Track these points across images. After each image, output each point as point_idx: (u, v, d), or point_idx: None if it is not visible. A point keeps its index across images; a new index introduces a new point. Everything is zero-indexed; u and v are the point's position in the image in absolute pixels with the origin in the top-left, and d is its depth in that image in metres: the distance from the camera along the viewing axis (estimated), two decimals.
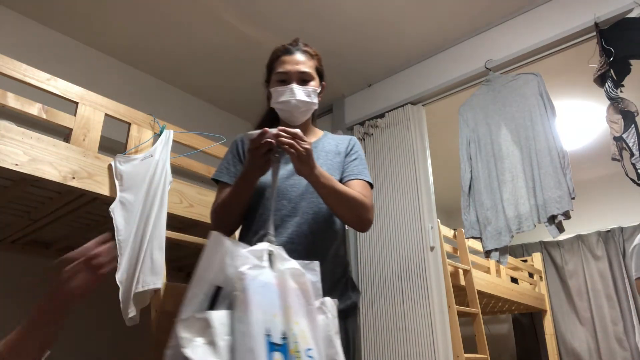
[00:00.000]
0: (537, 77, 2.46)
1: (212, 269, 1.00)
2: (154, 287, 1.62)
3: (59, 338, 0.95)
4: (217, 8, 2.58)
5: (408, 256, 2.64)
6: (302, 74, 1.41)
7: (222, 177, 1.42)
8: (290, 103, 1.39)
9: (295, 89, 1.39)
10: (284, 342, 0.95)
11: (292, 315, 1.00)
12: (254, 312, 0.94)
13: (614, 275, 4.37)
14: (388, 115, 3.04)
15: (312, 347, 0.99)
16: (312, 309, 1.06)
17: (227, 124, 3.48)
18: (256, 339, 0.91)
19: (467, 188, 2.55)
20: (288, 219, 1.31)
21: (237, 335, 0.91)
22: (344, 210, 1.31)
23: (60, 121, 1.70)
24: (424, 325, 2.46)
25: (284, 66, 1.42)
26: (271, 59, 1.48)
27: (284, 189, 1.34)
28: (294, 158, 1.16)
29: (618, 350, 4.18)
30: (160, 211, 1.74)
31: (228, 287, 0.98)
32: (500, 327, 5.08)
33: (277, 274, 1.03)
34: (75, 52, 2.79)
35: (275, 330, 0.95)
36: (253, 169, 1.22)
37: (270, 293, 0.99)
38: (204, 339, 0.91)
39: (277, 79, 1.42)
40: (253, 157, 1.18)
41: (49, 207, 1.90)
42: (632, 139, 2.04)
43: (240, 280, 0.96)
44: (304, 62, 1.43)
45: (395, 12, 2.63)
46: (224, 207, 1.34)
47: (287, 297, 1.01)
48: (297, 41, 1.48)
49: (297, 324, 1.00)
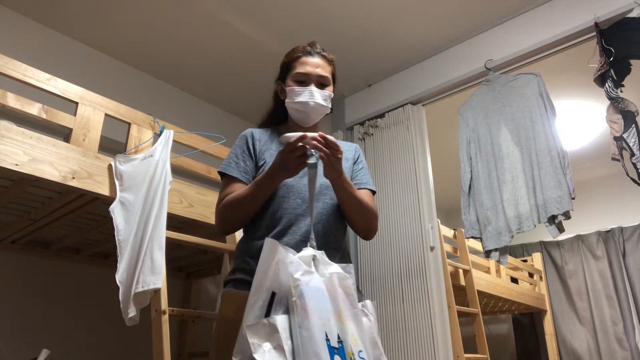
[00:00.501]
0: (537, 77, 2.46)
1: (268, 276, 1.04)
2: (154, 287, 1.62)
3: (60, 339, 0.95)
4: (217, 8, 2.58)
5: (408, 256, 2.64)
6: (322, 77, 1.42)
7: (232, 172, 1.38)
8: (309, 105, 1.40)
9: (315, 91, 1.40)
10: (340, 345, 1.01)
11: (344, 318, 1.05)
12: (313, 317, 0.99)
13: (614, 275, 4.37)
14: (388, 115, 3.04)
15: (362, 349, 1.04)
16: (357, 311, 1.11)
17: (227, 124, 3.48)
18: (319, 343, 0.97)
19: (467, 188, 2.55)
20: (302, 219, 1.31)
21: (302, 340, 0.96)
22: (358, 217, 1.37)
23: (60, 121, 1.70)
24: (424, 325, 2.46)
25: (305, 67, 1.41)
26: (290, 57, 1.46)
27: (299, 188, 1.34)
28: (327, 165, 1.21)
29: (618, 350, 4.18)
30: (160, 211, 1.73)
31: (281, 293, 1.03)
32: (500, 327, 5.08)
33: (325, 279, 1.08)
34: (75, 52, 2.79)
35: (332, 334, 1.00)
36: (283, 171, 1.22)
37: (322, 298, 1.04)
38: (271, 344, 0.96)
39: (296, 79, 1.42)
40: (287, 160, 1.19)
41: (49, 207, 1.90)
42: (633, 139, 2.04)
43: (296, 286, 1.02)
44: (323, 67, 1.43)
45: (395, 12, 2.63)
46: (238, 204, 1.30)
47: (336, 301, 1.06)
48: (316, 44, 1.48)
49: (349, 327, 1.05)
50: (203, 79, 3.22)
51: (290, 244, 1.27)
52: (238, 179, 1.36)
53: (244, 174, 1.38)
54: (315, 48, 1.46)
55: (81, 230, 2.19)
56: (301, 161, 1.19)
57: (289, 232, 1.29)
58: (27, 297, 2.30)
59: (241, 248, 1.35)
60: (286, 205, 1.32)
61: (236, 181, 1.36)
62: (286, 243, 1.27)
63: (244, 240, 1.37)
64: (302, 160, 1.19)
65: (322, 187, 1.37)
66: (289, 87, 1.43)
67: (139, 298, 1.63)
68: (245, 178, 1.37)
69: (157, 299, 1.67)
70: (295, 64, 1.44)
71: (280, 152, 1.20)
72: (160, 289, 1.66)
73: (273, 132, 1.49)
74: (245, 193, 1.29)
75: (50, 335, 2.30)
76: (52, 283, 2.39)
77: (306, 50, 1.45)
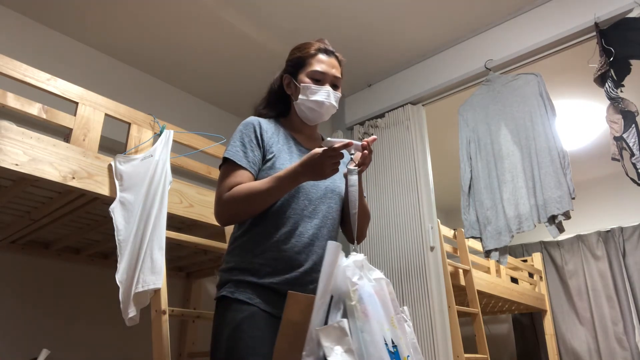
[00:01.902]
0: (537, 78, 2.46)
1: (331, 279, 1.07)
2: (154, 287, 1.62)
3: (60, 338, 0.95)
4: (217, 8, 2.58)
5: (408, 256, 2.64)
6: (336, 79, 1.41)
7: (241, 161, 1.31)
8: (324, 104, 1.38)
9: (331, 92, 1.39)
10: (395, 349, 1.04)
11: (395, 323, 1.09)
12: (373, 321, 1.02)
13: (614, 275, 4.37)
14: (388, 115, 3.04)
15: (410, 354, 1.08)
16: (400, 317, 1.14)
17: (227, 124, 3.48)
18: (381, 347, 1.01)
19: (467, 188, 2.55)
20: (309, 220, 1.31)
21: (365, 344, 0.99)
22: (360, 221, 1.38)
23: (60, 121, 1.70)
24: (424, 325, 2.46)
25: (322, 66, 1.39)
26: (306, 53, 1.42)
27: (307, 189, 1.33)
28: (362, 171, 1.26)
29: (618, 350, 4.18)
30: (160, 211, 1.73)
31: (337, 296, 1.06)
32: (500, 327, 5.08)
33: (373, 284, 1.11)
34: (75, 52, 2.79)
35: (387, 338, 1.04)
36: (313, 174, 1.21)
37: (374, 302, 1.07)
38: (342, 347, 1.00)
39: (313, 76, 1.39)
40: (324, 164, 1.18)
41: (49, 207, 1.90)
42: (633, 139, 2.04)
43: (354, 290, 1.05)
44: (337, 68, 1.43)
45: (395, 12, 2.63)
46: (251, 197, 1.24)
47: (387, 306, 1.10)
48: (325, 41, 1.46)
49: (400, 332, 1.09)
50: (203, 79, 3.22)
51: (298, 246, 1.27)
52: (246, 169, 1.31)
53: (252, 164, 1.32)
54: (329, 46, 1.44)
55: (81, 230, 2.19)
56: (336, 167, 1.20)
57: (295, 233, 1.28)
58: (27, 297, 2.30)
59: (241, 246, 1.30)
60: (295, 206, 1.31)
61: (243, 171, 1.30)
62: (294, 245, 1.27)
63: (245, 238, 1.31)
64: (336, 166, 1.20)
65: (328, 190, 1.37)
66: (304, 84, 1.39)
67: (139, 298, 1.63)
68: (252, 169, 1.32)
69: (157, 299, 1.66)
70: (311, 61, 1.40)
71: (318, 156, 1.17)
72: (160, 289, 1.65)
73: (277, 124, 1.44)
74: (263, 187, 1.24)
75: (50, 335, 2.30)
76: (52, 283, 2.39)
77: (321, 48, 1.42)
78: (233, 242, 1.35)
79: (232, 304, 1.22)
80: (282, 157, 1.36)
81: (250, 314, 1.20)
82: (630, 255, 4.32)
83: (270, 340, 1.17)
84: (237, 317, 1.20)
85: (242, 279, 1.25)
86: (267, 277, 1.24)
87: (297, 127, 1.47)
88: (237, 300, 1.22)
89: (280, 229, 1.28)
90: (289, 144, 1.41)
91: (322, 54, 1.41)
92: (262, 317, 1.20)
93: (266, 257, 1.26)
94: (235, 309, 1.21)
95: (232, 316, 1.21)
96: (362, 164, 1.26)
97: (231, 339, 1.18)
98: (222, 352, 1.19)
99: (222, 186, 1.30)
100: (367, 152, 1.24)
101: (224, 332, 1.21)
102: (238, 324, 1.19)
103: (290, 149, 1.40)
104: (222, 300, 1.26)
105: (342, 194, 1.42)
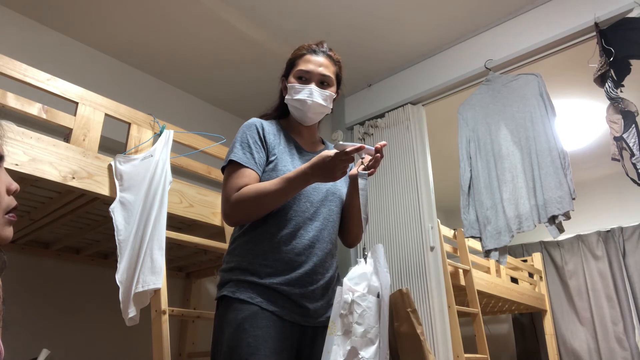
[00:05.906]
0: (537, 78, 2.46)
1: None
2: (154, 287, 1.62)
3: (60, 338, 0.95)
4: (217, 8, 2.58)
5: (408, 256, 2.64)
6: (324, 77, 1.41)
7: (249, 163, 1.31)
8: (307, 103, 1.38)
9: (314, 90, 1.39)
10: None
11: None
12: None
13: (614, 275, 4.37)
14: (388, 115, 3.04)
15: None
16: None
17: (227, 124, 3.48)
18: None
19: (466, 187, 2.55)
20: (309, 223, 1.32)
21: None
22: (357, 225, 1.42)
23: (60, 121, 1.70)
24: (424, 325, 2.46)
25: (307, 65, 1.40)
26: (295, 55, 1.45)
27: (308, 192, 1.34)
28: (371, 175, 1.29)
29: (618, 350, 4.18)
30: (160, 211, 1.73)
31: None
32: (500, 327, 5.08)
33: None
34: (75, 52, 2.79)
35: None
36: (322, 176, 1.21)
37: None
38: None
39: (298, 75, 1.41)
40: (335, 167, 1.18)
41: (49, 207, 1.90)
42: (633, 139, 2.04)
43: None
44: (327, 66, 1.42)
45: (395, 11, 2.63)
46: (262, 198, 1.24)
47: None
48: (323, 43, 1.47)
49: None
50: (203, 79, 3.22)
51: (298, 248, 1.28)
52: (252, 169, 1.31)
53: (258, 165, 1.33)
54: (321, 47, 1.45)
55: (81, 230, 2.19)
56: (345, 170, 1.22)
57: (296, 235, 1.29)
58: (27, 297, 2.30)
59: (242, 247, 1.31)
60: (297, 208, 1.32)
61: (250, 171, 1.31)
62: (294, 246, 1.28)
63: (246, 239, 1.31)
64: (346, 170, 1.22)
65: (329, 193, 1.38)
66: (289, 84, 1.41)
67: (139, 298, 1.63)
68: (259, 170, 1.33)
69: (157, 299, 1.66)
70: (298, 61, 1.42)
71: (330, 159, 1.18)
72: (160, 289, 1.66)
73: (278, 126, 1.46)
74: (273, 188, 1.24)
75: (50, 335, 2.30)
76: (52, 283, 2.39)
77: (311, 48, 1.44)
78: (233, 242, 1.36)
79: (234, 303, 1.22)
80: (284, 159, 1.36)
81: (252, 313, 1.20)
82: (630, 255, 4.32)
83: (271, 339, 1.17)
84: (238, 317, 1.20)
85: (243, 278, 1.25)
86: (267, 277, 1.25)
87: (295, 128, 1.48)
88: (239, 299, 1.22)
89: (282, 230, 1.28)
90: (289, 146, 1.42)
91: (311, 54, 1.43)
92: (264, 316, 1.20)
93: (267, 257, 1.27)
94: (236, 308, 1.21)
95: (233, 316, 1.21)
96: (372, 167, 1.27)
97: (233, 338, 1.18)
98: (224, 351, 1.19)
99: (229, 187, 1.30)
100: (379, 156, 1.25)
101: (225, 331, 1.21)
102: (239, 323, 1.19)
103: (291, 151, 1.41)
104: (223, 299, 1.26)
105: (342, 197, 1.43)
